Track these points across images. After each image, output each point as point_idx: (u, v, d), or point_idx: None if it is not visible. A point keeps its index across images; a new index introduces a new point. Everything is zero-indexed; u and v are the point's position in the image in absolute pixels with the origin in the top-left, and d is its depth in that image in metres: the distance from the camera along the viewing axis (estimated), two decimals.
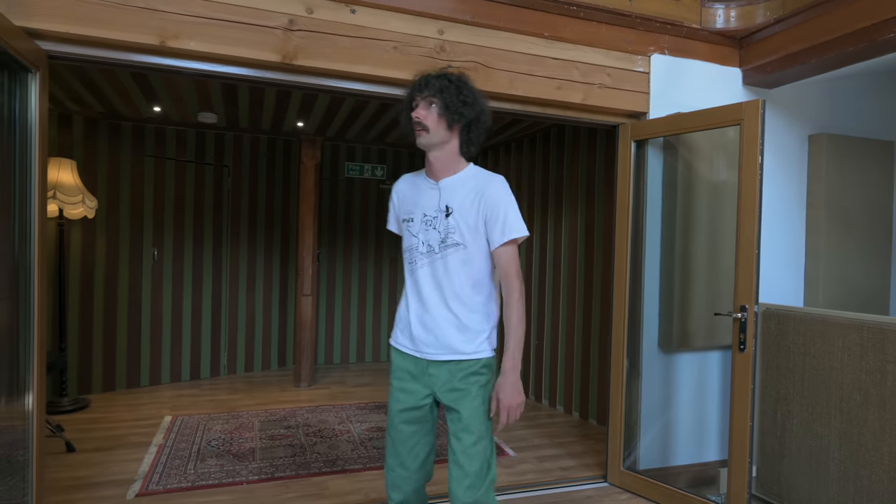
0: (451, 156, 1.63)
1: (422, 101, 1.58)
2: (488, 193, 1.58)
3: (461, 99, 1.56)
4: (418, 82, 1.61)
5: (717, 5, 2.79)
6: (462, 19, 2.36)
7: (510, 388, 1.55)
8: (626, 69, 2.69)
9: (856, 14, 2.31)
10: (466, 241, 1.59)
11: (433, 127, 1.57)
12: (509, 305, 1.58)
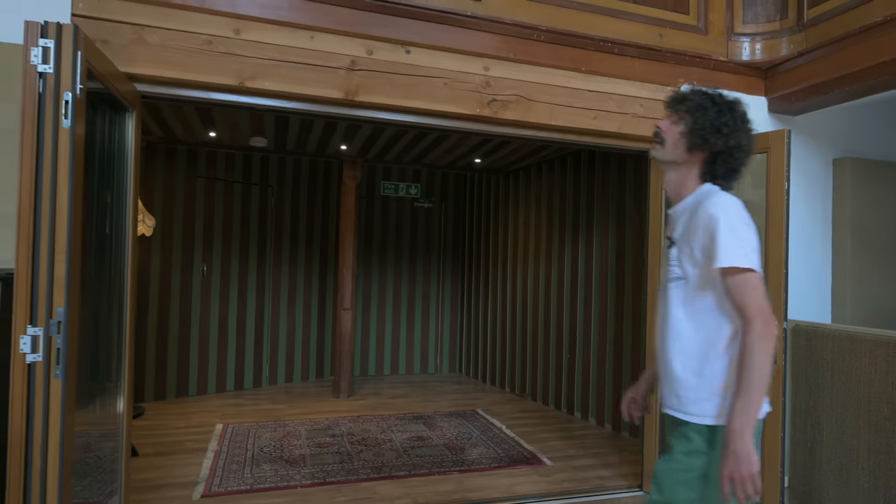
0: (684, 180, 1.43)
1: (671, 114, 1.45)
2: (701, 213, 1.33)
3: (715, 125, 1.36)
4: (679, 93, 1.46)
5: (743, 39, 2.96)
6: (505, 57, 2.58)
7: (731, 457, 1.21)
8: (658, 99, 2.86)
9: (875, 50, 2.46)
10: (688, 274, 1.37)
11: (670, 144, 1.42)
12: (740, 351, 1.27)
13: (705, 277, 1.33)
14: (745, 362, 1.23)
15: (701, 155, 1.40)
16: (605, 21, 2.71)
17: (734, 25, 2.97)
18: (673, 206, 1.47)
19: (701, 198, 1.37)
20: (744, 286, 1.26)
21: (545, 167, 4.93)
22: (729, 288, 1.28)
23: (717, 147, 1.37)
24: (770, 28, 2.94)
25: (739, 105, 1.42)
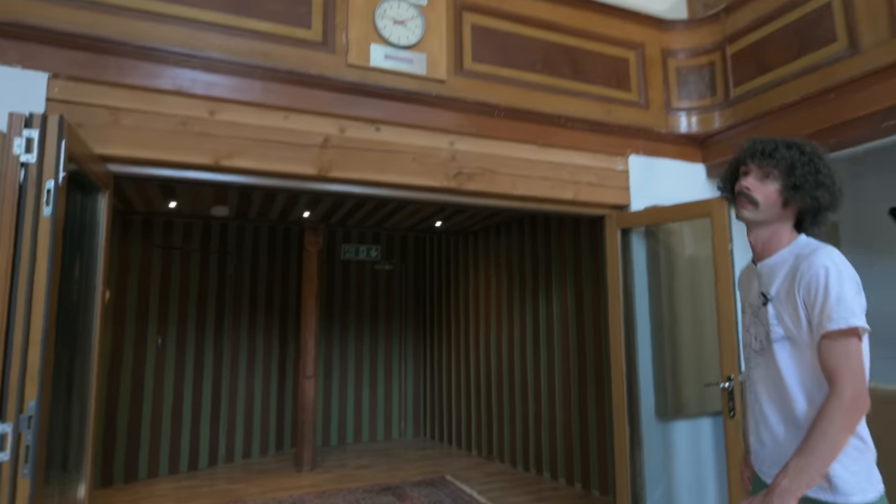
0: (777, 234, 1.36)
1: (756, 169, 1.35)
2: (805, 269, 1.25)
3: (818, 179, 1.29)
4: (757, 146, 1.37)
5: (680, 113, 3.26)
6: (469, 132, 2.75)
7: None
8: (609, 168, 3.10)
9: (793, 125, 2.78)
10: (793, 335, 1.28)
11: (765, 204, 1.33)
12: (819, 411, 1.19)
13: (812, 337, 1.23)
14: (820, 428, 1.15)
15: (796, 207, 1.33)
16: (559, 99, 2.95)
17: (671, 101, 3.28)
18: (761, 259, 1.39)
19: (803, 251, 1.30)
20: (844, 351, 1.18)
21: (503, 228, 5.11)
22: (824, 350, 1.20)
23: (825, 203, 1.31)
24: (702, 104, 3.26)
25: (821, 149, 1.36)
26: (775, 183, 1.33)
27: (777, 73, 2.89)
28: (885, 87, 2.42)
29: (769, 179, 1.34)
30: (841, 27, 2.61)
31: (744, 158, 1.40)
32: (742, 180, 1.38)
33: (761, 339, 1.36)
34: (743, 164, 1.40)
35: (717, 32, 3.24)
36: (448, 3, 2.75)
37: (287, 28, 2.43)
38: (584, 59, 3.07)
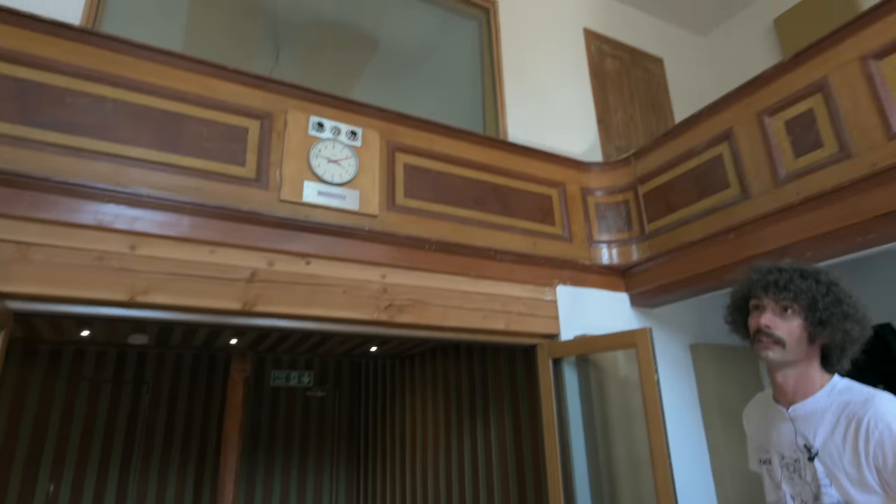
0: (806, 374, 1.23)
1: (773, 304, 1.22)
2: (870, 425, 1.09)
3: (844, 310, 1.18)
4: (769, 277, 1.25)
5: (601, 245, 3.47)
6: (401, 265, 2.78)
7: None
8: (538, 298, 3.18)
9: (699, 261, 3.00)
10: (854, 499, 1.09)
11: (792, 341, 1.20)
12: None
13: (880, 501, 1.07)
14: None
15: (821, 342, 1.21)
16: (488, 233, 3.08)
17: (593, 235, 3.50)
18: (791, 403, 1.24)
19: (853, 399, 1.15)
20: None
21: (440, 353, 5.05)
22: None
23: (855, 334, 1.19)
24: (621, 237, 3.49)
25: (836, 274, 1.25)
26: (797, 318, 1.21)
27: (682, 213, 3.17)
28: (775, 230, 2.68)
29: (789, 314, 1.21)
30: (732, 176, 2.93)
31: (755, 291, 1.27)
32: (758, 317, 1.24)
33: (806, 499, 1.17)
34: (754, 297, 1.28)
35: (629, 174, 3.57)
36: (381, 145, 2.91)
37: (220, 165, 2.47)
38: (511, 195, 3.27)
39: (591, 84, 4.30)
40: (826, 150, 2.53)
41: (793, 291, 1.22)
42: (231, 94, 2.60)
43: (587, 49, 4.38)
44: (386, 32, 4.58)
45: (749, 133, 2.86)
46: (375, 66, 4.81)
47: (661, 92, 4.69)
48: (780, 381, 1.28)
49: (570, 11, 4.54)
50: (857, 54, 2.45)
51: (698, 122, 3.14)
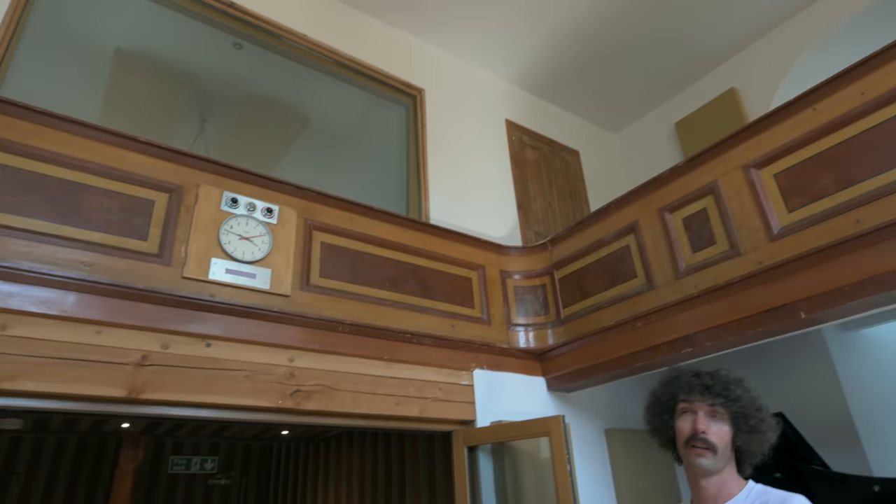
0: (727, 479, 1.25)
1: (706, 408, 1.25)
2: None
3: (764, 418, 1.24)
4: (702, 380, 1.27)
5: (519, 329, 3.50)
6: (311, 348, 2.67)
7: None
8: (455, 383, 3.13)
9: (611, 346, 3.08)
10: None
11: (723, 447, 1.23)
12: None
13: None
14: None
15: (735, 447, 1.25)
16: (406, 315, 3.03)
17: (511, 318, 3.53)
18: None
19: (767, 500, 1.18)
20: None
21: (357, 436, 4.81)
22: None
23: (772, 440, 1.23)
24: (538, 321, 3.55)
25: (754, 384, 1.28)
26: (726, 424, 1.24)
27: (595, 299, 3.28)
28: (678, 320, 2.81)
29: (717, 420, 1.25)
30: (639, 266, 3.09)
31: (686, 395, 1.29)
32: (693, 422, 1.26)
33: None
34: (684, 400, 1.29)
35: (546, 259, 3.69)
36: (299, 223, 2.86)
37: (119, 238, 2.33)
38: (431, 277, 3.27)
39: (512, 171, 4.51)
40: (719, 248, 2.73)
41: (727, 398, 1.25)
42: (140, 166, 2.50)
43: (509, 138, 4.62)
44: (316, 110, 4.65)
45: (652, 227, 3.05)
46: (304, 141, 4.84)
47: (578, 181, 4.98)
48: (703, 486, 1.28)
49: (493, 103, 4.82)
50: (741, 162, 2.71)
51: (608, 214, 3.32)
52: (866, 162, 2.27)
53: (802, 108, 2.52)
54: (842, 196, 2.31)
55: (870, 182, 2.24)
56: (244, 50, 3.93)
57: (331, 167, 4.66)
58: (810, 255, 2.34)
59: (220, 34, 3.74)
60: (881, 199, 2.19)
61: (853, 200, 2.27)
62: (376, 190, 4.09)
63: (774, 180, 2.58)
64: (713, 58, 4.88)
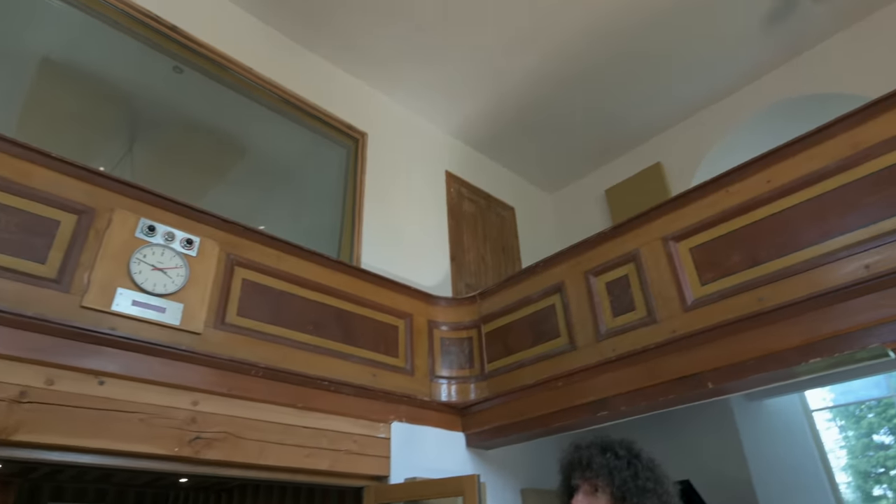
0: None
1: (584, 483, 1.27)
2: None
3: (639, 484, 1.24)
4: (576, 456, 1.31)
5: (442, 381, 3.45)
6: (218, 391, 2.50)
7: None
8: (371, 435, 3.01)
9: (531, 405, 3.08)
10: None
11: None
12: None
13: None
14: None
15: None
16: (326, 361, 2.92)
17: (435, 369, 3.48)
18: None
19: None
20: None
21: (263, 488, 4.51)
22: None
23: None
24: (462, 374, 3.51)
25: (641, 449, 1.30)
26: (606, 495, 1.25)
27: (519, 356, 3.30)
28: (596, 382, 2.85)
29: (599, 493, 1.26)
30: (563, 326, 3.14)
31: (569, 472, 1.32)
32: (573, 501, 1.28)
33: None
34: (572, 478, 1.32)
35: (474, 312, 3.69)
36: (221, 257, 2.73)
37: (12, 259, 2.13)
38: (356, 323, 3.18)
39: (448, 222, 4.55)
40: (637, 314, 2.82)
41: (594, 469, 1.27)
42: (49, 183, 2.32)
43: (447, 190, 4.69)
44: (255, 143, 4.56)
45: (577, 289, 3.13)
46: (239, 174, 4.71)
47: (512, 237, 5.10)
48: None
49: (435, 153, 4.90)
50: (661, 234, 2.86)
51: (536, 272, 3.39)
52: (770, 244, 2.44)
53: (717, 189, 2.70)
54: (748, 274, 2.47)
55: (772, 263, 2.41)
56: (184, 75, 3.82)
57: (264, 203, 4.54)
58: (719, 328, 2.46)
59: (160, 56, 3.63)
60: (782, 280, 2.35)
61: (757, 279, 2.42)
62: (309, 230, 4.01)
63: (690, 254, 2.73)
64: (643, 132, 5.22)
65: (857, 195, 2.25)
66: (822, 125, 2.38)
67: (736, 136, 4.80)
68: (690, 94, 4.83)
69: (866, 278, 2.10)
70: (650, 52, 4.37)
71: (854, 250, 2.16)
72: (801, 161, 2.45)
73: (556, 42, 4.23)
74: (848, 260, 2.17)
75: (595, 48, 4.29)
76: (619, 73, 4.54)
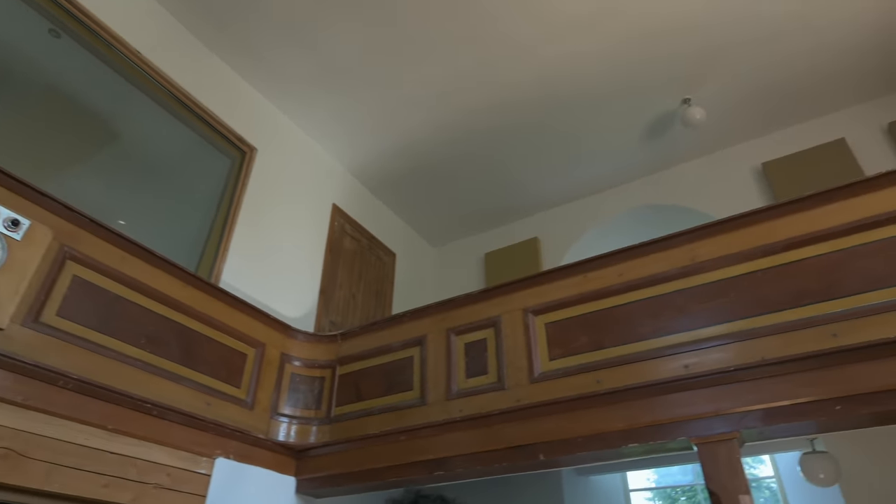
0: None
1: None
2: None
3: None
4: None
5: (283, 419, 3.26)
6: (12, 400, 2.15)
7: None
8: (190, 470, 2.74)
9: (374, 455, 3.01)
10: None
11: None
12: None
13: None
14: None
15: None
16: (154, 381, 2.64)
17: (279, 406, 3.28)
18: None
19: None
20: None
21: None
22: None
23: None
24: (306, 414, 3.34)
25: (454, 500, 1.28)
26: None
27: (369, 403, 3.22)
28: (438, 441, 2.85)
29: None
30: (417, 380, 3.13)
31: None
32: None
33: None
34: None
35: (332, 352, 3.57)
36: (52, 247, 2.41)
37: None
38: (200, 344, 2.94)
39: (325, 255, 4.44)
40: (489, 378, 2.90)
41: None
42: None
43: (331, 223, 4.60)
44: (130, 130, 4.19)
45: (438, 345, 3.16)
46: (105, 160, 4.27)
47: (388, 283, 5.08)
48: None
49: (325, 183, 4.82)
50: (523, 305, 2.99)
51: (402, 322, 3.38)
52: (614, 332, 2.65)
53: (578, 273, 2.91)
54: (591, 356, 2.64)
55: (613, 349, 2.61)
56: (62, 41, 3.46)
57: (127, 197, 4.14)
58: (558, 403, 2.59)
59: (36, 14, 3.26)
60: (618, 366, 2.54)
61: (599, 362, 2.60)
62: (171, 237, 3.69)
63: (545, 329, 2.87)
64: (529, 206, 5.55)
65: (687, 301, 2.53)
66: (669, 235, 2.68)
67: (606, 227, 5.27)
68: (575, 181, 5.25)
69: (684, 376, 2.34)
70: (548, 133, 4.71)
71: (678, 350, 2.41)
72: (650, 262, 2.71)
73: (467, 103, 4.43)
74: (672, 358, 2.41)
75: (500, 118, 4.55)
76: (518, 146, 4.84)
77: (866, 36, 3.95)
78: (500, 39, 3.95)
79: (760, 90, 4.34)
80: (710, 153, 4.92)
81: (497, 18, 3.81)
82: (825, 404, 2.09)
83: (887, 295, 2.12)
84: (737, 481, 2.09)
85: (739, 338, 2.32)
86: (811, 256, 2.34)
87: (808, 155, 4.40)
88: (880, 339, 2.04)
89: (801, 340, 2.19)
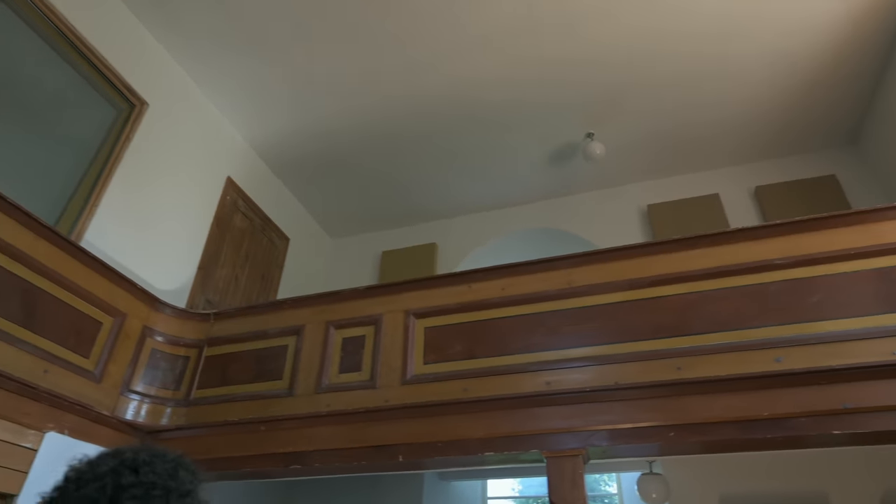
0: None
1: None
2: None
3: None
4: None
5: (134, 397, 3.01)
6: None
7: None
8: (11, 443, 2.44)
9: (229, 444, 2.87)
10: None
11: None
12: None
13: None
14: None
15: None
16: None
17: (132, 382, 3.03)
18: None
19: None
20: None
21: None
22: None
23: None
24: (162, 394, 3.12)
25: None
26: None
27: (233, 389, 3.07)
28: (299, 434, 2.78)
29: None
30: (288, 369, 3.03)
31: None
32: None
33: None
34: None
35: (202, 331, 3.36)
36: None
37: None
38: (47, 305, 2.65)
39: (210, 229, 4.19)
40: (362, 375, 2.87)
41: None
42: None
43: (222, 196, 4.35)
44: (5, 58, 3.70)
45: (315, 336, 3.08)
46: None
47: (276, 267, 4.89)
48: None
49: (222, 154, 4.54)
50: (406, 307, 3.00)
51: (281, 308, 3.27)
52: (487, 343, 2.73)
53: (463, 282, 2.97)
54: (463, 364, 2.70)
55: (484, 360, 2.69)
56: None
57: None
58: (425, 407, 2.62)
59: None
60: (487, 377, 2.62)
61: (468, 371, 2.67)
62: (32, 184, 3.30)
63: (424, 332, 2.90)
64: (431, 211, 5.60)
65: (560, 322, 2.66)
66: (552, 257, 2.81)
67: (502, 242, 5.44)
68: (479, 194, 5.38)
69: (545, 392, 2.46)
70: (458, 144, 4.78)
71: (543, 367, 2.53)
72: (532, 281, 2.83)
73: (385, 102, 4.38)
74: (537, 374, 2.53)
75: (415, 122, 4.55)
76: (429, 152, 4.87)
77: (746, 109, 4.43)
78: (421, 45, 3.96)
79: (657, 136, 4.71)
80: (605, 188, 5.25)
81: (420, 25, 3.82)
82: (662, 430, 2.29)
83: (726, 337, 2.37)
84: (576, 493, 2.23)
85: (599, 361, 2.48)
86: (671, 294, 2.56)
87: (686, 203, 4.84)
88: (715, 375, 2.27)
89: (652, 370, 2.39)
